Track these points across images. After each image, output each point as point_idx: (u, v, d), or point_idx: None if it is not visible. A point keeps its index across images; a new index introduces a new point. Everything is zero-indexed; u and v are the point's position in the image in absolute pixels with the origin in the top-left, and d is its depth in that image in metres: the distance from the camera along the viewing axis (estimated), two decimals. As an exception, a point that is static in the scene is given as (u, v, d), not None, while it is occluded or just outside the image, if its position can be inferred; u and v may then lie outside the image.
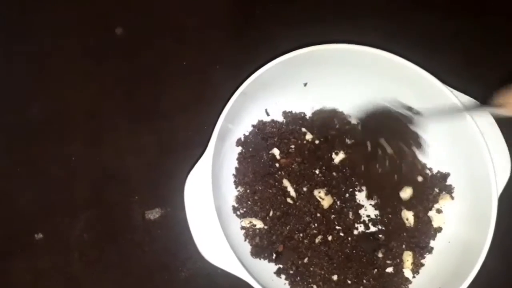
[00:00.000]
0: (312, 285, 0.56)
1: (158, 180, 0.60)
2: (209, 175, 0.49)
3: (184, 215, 0.49)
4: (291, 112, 0.62)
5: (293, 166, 0.59)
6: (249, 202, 0.58)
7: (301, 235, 0.57)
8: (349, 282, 0.56)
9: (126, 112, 0.64)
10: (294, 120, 0.62)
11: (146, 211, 0.59)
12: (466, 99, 0.55)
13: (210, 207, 0.48)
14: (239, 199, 0.58)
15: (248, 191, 0.58)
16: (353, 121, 0.63)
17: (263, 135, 0.60)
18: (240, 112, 0.56)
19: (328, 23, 0.68)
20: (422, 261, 0.58)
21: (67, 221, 0.59)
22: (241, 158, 0.60)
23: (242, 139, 0.60)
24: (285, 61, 0.54)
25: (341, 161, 0.61)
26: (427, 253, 0.58)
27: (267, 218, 0.57)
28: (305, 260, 0.56)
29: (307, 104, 0.63)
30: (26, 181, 0.60)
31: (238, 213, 0.58)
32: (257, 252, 0.56)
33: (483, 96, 0.56)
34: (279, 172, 0.59)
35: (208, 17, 0.69)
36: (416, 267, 0.58)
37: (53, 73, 0.65)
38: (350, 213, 0.59)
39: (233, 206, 0.58)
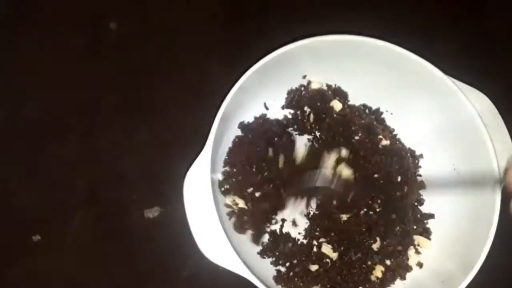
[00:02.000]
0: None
1: (156, 178, 0.59)
2: (207, 172, 0.48)
3: (183, 213, 0.48)
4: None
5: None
6: (233, 180, 0.57)
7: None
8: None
9: (122, 109, 0.62)
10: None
11: (145, 210, 0.58)
12: (469, 89, 0.54)
13: (210, 205, 0.47)
14: (225, 175, 0.57)
15: (234, 170, 0.57)
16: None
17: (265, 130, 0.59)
18: (238, 106, 0.55)
19: (325, 13, 0.67)
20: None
21: (65, 222, 0.58)
22: (238, 142, 0.59)
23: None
24: (284, 54, 0.52)
25: None
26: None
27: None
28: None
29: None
30: (22, 182, 0.59)
31: (223, 189, 0.56)
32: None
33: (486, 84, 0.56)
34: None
35: (203, 10, 0.67)
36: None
37: (45, 71, 0.63)
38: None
39: (219, 181, 0.57)
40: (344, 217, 0.58)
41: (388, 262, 0.57)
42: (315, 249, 0.56)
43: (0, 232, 0.57)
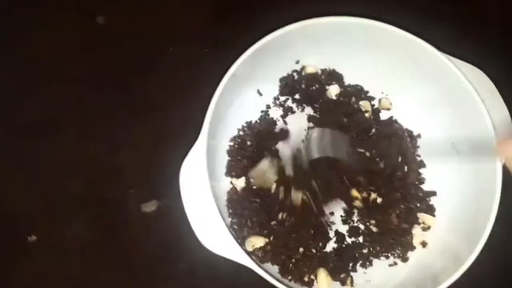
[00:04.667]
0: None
1: (152, 171, 0.58)
2: (204, 162, 0.47)
3: (180, 206, 0.48)
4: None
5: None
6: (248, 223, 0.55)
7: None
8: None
9: (118, 104, 0.61)
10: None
11: (142, 204, 0.57)
12: (465, 65, 0.54)
13: (207, 195, 0.46)
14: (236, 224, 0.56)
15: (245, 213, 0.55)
16: None
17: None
18: (232, 94, 0.54)
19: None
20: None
21: (63, 220, 0.57)
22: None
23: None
24: (275, 39, 0.52)
25: None
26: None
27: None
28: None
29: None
30: (19, 182, 0.58)
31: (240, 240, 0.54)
32: None
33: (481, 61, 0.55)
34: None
35: (193, 2, 0.66)
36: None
37: (41, 70, 0.62)
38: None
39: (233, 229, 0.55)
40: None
41: (392, 241, 0.56)
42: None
43: (-3, 234, 0.57)
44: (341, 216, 0.57)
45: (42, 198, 0.58)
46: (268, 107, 0.61)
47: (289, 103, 0.61)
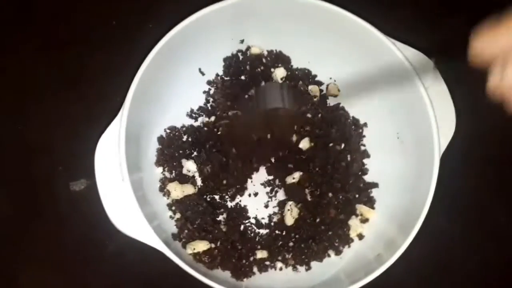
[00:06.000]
0: None
1: (83, 149, 0.55)
2: (122, 141, 0.45)
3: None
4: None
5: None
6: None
7: None
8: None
9: (48, 79, 0.59)
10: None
11: (70, 183, 0.55)
12: (410, 51, 0.51)
13: (124, 178, 0.44)
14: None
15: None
16: None
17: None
18: (167, 72, 0.52)
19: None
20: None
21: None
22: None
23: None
24: (213, 13, 0.49)
25: None
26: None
27: None
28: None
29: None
30: None
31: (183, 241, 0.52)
32: None
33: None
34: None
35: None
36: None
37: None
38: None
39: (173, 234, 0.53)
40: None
41: (329, 232, 0.54)
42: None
43: None
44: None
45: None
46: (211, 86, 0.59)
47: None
